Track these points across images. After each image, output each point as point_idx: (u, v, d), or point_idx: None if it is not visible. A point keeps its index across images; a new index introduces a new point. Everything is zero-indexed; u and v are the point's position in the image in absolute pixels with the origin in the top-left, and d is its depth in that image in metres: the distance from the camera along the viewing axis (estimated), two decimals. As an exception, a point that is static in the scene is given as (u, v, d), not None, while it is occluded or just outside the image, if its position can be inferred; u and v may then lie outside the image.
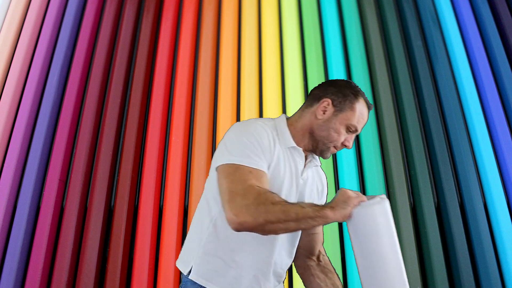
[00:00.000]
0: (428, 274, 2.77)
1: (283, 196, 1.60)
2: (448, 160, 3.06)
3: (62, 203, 2.94)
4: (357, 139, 3.17)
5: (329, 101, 1.66)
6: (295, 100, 3.28)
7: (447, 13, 3.64)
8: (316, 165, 1.74)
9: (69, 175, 3.01)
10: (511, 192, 2.97)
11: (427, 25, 3.61)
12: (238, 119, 3.24)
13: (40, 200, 2.94)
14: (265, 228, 1.43)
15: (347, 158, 3.05)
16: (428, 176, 3.01)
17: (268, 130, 1.61)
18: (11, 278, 2.70)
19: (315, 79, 3.36)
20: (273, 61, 3.46)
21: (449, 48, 3.51)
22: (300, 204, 1.45)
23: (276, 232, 1.45)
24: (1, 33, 3.50)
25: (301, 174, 1.67)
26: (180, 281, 2.76)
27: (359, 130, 1.67)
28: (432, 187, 2.99)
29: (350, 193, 1.45)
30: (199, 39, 3.58)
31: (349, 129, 1.65)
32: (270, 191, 1.48)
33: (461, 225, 2.87)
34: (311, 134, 1.67)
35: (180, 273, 2.78)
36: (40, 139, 3.09)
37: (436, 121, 3.20)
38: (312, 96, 1.72)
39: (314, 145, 1.67)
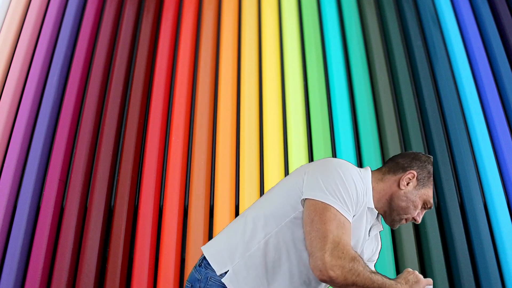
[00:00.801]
0: (428, 274, 2.77)
1: (354, 248, 1.62)
2: (448, 160, 3.06)
3: (62, 203, 2.94)
4: (357, 139, 3.17)
5: (415, 174, 1.68)
6: (295, 100, 3.27)
7: (447, 13, 3.64)
8: (380, 230, 1.76)
9: (69, 175, 3.01)
10: (511, 192, 2.97)
11: (427, 25, 3.61)
12: (238, 119, 3.24)
13: (40, 200, 2.94)
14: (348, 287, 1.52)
15: (347, 158, 3.05)
16: (428, 176, 3.01)
17: (360, 179, 1.61)
18: (11, 278, 2.70)
19: (315, 79, 3.36)
20: (273, 61, 3.46)
21: (449, 48, 3.51)
22: (380, 274, 1.55)
23: None
24: (1, 33, 3.49)
25: (369, 233, 1.70)
26: (181, 275, 2.76)
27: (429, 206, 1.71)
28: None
29: (419, 275, 1.58)
30: (199, 39, 3.58)
31: (425, 205, 1.68)
32: (360, 256, 1.55)
33: (461, 225, 2.86)
34: (389, 201, 1.67)
35: (181, 271, 2.78)
36: (40, 139, 3.09)
37: (436, 121, 3.19)
38: (395, 164, 1.72)
39: (389, 212, 1.68)
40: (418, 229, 2.90)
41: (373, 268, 1.78)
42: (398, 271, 2.77)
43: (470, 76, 3.37)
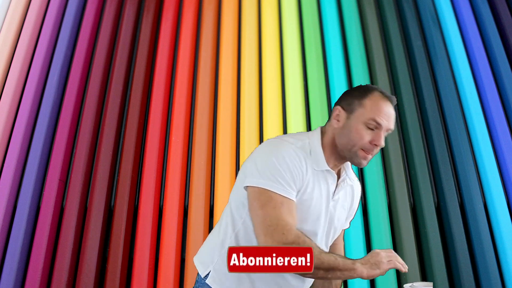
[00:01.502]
0: (428, 274, 2.77)
1: (313, 221, 1.60)
2: (448, 160, 3.06)
3: (62, 203, 2.94)
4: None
5: (339, 107, 1.64)
6: (295, 100, 3.28)
7: (447, 13, 3.64)
8: (350, 184, 1.72)
9: (69, 175, 3.01)
10: (511, 192, 2.97)
11: (427, 25, 3.61)
12: (238, 119, 3.24)
13: (40, 200, 2.94)
14: None
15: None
16: (428, 176, 3.01)
17: (300, 154, 1.58)
18: (11, 278, 2.70)
19: (315, 79, 3.36)
20: (273, 61, 3.46)
21: (449, 48, 3.51)
22: (333, 255, 1.50)
23: (304, 274, 1.50)
24: (1, 33, 3.50)
25: (333, 196, 1.65)
26: (181, 275, 2.76)
27: (384, 123, 1.60)
28: (432, 187, 2.99)
29: (383, 256, 1.48)
30: (199, 39, 3.58)
31: (369, 126, 1.59)
32: (306, 236, 1.52)
33: (461, 225, 2.86)
34: (336, 146, 1.63)
35: (181, 271, 2.78)
36: (40, 139, 3.09)
37: (436, 121, 3.20)
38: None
39: (343, 155, 1.63)
40: (418, 229, 2.90)
41: (337, 232, 1.74)
42: (398, 271, 2.77)
43: (470, 76, 3.37)
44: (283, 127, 3.20)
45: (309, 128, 3.21)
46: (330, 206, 1.65)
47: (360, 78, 3.36)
